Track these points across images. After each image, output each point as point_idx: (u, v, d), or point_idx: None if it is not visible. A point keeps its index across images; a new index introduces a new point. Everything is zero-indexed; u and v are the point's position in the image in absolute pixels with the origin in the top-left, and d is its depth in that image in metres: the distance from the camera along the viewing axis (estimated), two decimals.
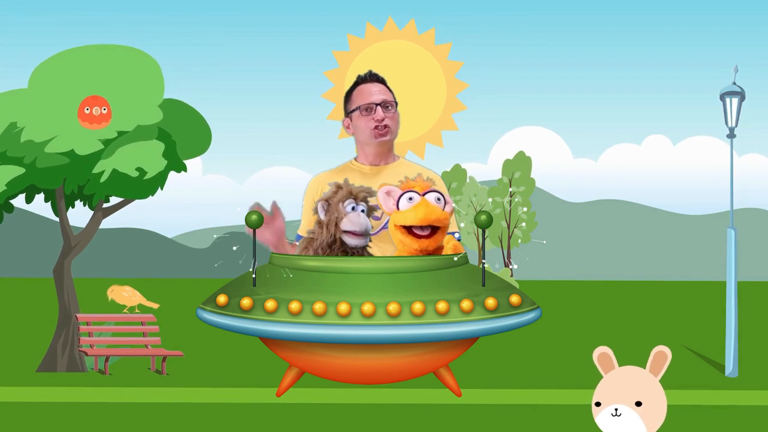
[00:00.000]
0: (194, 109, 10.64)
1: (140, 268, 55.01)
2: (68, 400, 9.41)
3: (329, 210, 3.24)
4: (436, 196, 3.18)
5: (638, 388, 2.88)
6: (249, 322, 2.96)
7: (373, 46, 4.00)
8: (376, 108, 3.63)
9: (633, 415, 2.87)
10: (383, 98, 3.64)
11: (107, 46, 10.36)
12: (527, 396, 5.33)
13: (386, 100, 3.64)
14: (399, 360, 3.05)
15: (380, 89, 3.66)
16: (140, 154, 9.82)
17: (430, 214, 3.13)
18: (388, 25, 4.01)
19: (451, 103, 3.99)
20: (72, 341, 10.83)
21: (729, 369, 10.84)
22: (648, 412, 2.88)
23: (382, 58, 3.96)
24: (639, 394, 2.88)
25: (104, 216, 10.95)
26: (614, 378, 2.91)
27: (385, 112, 3.63)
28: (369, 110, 3.63)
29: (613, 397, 2.88)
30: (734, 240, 11.07)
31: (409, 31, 4.00)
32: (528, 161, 33.19)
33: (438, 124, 3.98)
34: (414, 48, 4.00)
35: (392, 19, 4.03)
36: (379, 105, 3.63)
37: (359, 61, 3.96)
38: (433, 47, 3.99)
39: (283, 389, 3.34)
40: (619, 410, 2.86)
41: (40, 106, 9.95)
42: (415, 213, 3.13)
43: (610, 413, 2.87)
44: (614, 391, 2.89)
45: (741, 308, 11.30)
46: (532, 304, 3.13)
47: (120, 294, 12.25)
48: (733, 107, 11.01)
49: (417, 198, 3.16)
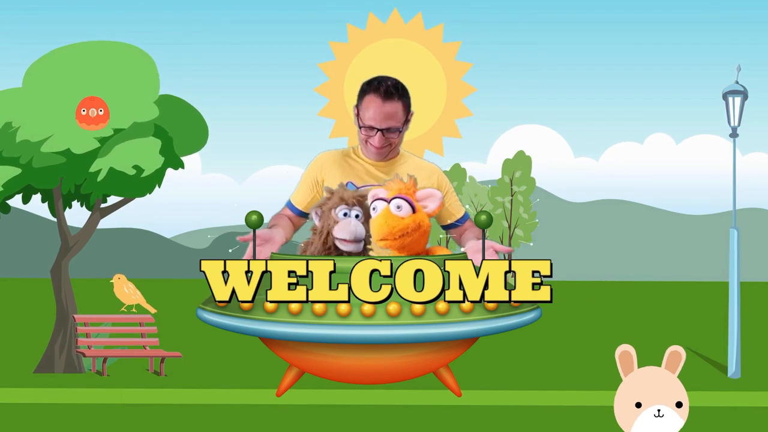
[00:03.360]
0: (190, 105, 10.59)
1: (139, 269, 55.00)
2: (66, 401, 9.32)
3: (322, 216, 3.22)
4: (397, 203, 3.13)
5: (675, 388, 2.91)
6: (249, 322, 2.96)
7: (373, 44, 3.88)
8: (377, 133, 3.47)
9: (674, 416, 2.91)
10: (388, 125, 3.46)
11: (102, 42, 10.31)
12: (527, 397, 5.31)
13: (391, 127, 3.47)
14: (399, 360, 3.06)
15: (388, 113, 3.45)
16: (137, 151, 9.78)
17: (384, 228, 3.11)
18: (393, 18, 3.86)
19: (455, 108, 3.86)
20: (70, 342, 10.78)
21: (731, 370, 10.79)
22: (685, 413, 2.92)
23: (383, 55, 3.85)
24: (678, 394, 2.92)
25: (102, 216, 10.90)
26: (648, 378, 2.92)
27: (388, 136, 3.48)
28: (370, 129, 3.48)
29: (654, 398, 2.88)
30: (737, 240, 11.03)
31: (415, 27, 3.85)
32: (528, 160, 33.16)
33: (438, 129, 3.86)
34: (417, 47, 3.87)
35: (398, 11, 3.87)
36: (381, 131, 3.47)
37: (360, 58, 3.86)
38: (440, 46, 3.85)
39: (283, 389, 3.33)
40: (662, 411, 2.86)
41: (35, 105, 9.90)
42: (373, 228, 3.14)
43: (653, 414, 2.87)
44: (654, 392, 2.91)
45: (744, 309, 11.25)
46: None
47: (122, 287, 12.17)
48: (736, 106, 10.97)
49: (381, 206, 3.14)
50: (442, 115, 3.87)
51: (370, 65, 3.78)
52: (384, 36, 3.88)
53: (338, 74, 3.85)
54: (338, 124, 3.89)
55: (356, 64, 3.85)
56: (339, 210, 3.19)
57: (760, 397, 9.18)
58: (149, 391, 9.34)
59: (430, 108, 3.84)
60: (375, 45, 3.89)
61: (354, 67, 3.83)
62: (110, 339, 11.14)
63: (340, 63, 3.87)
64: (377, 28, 3.88)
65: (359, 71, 3.79)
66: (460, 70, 3.87)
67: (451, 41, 3.88)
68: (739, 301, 10.94)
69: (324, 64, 3.90)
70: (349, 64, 3.88)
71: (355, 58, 3.87)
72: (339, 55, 3.89)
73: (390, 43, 3.89)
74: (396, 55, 3.86)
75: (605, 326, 17.98)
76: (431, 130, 3.87)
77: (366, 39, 3.88)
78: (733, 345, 10.80)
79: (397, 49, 3.88)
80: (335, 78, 3.86)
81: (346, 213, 3.19)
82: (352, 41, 3.87)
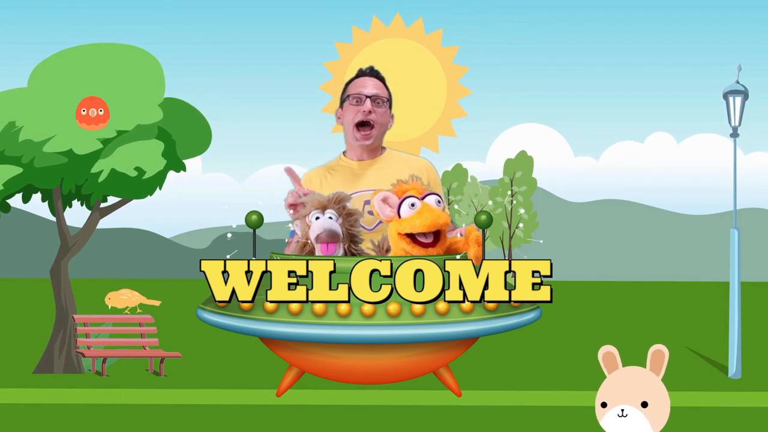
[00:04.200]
0: (195, 108, 10.60)
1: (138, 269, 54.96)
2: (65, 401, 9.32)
3: (301, 227, 3.24)
4: (435, 198, 3.16)
5: (643, 388, 2.90)
6: (249, 322, 2.97)
7: (377, 42, 3.96)
8: (366, 100, 3.58)
9: (639, 415, 2.89)
10: (375, 92, 3.60)
11: (107, 44, 10.31)
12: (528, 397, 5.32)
13: (378, 95, 3.60)
14: (399, 360, 3.06)
15: (375, 84, 3.62)
16: (139, 153, 9.78)
17: (437, 219, 3.10)
18: (395, 22, 3.99)
19: (451, 109, 3.96)
20: (69, 342, 10.77)
21: (732, 371, 10.78)
22: (653, 413, 2.90)
23: (384, 55, 3.92)
24: (645, 394, 2.91)
25: (102, 216, 10.90)
26: (619, 378, 2.92)
27: (374, 106, 3.58)
28: (358, 101, 3.59)
29: (619, 398, 2.88)
30: (737, 240, 11.03)
31: (416, 30, 3.98)
32: (530, 160, 33.19)
33: (435, 129, 3.95)
34: (418, 48, 3.95)
35: (400, 15, 3.98)
36: (369, 97, 3.58)
37: (361, 56, 3.92)
38: (439, 49, 3.96)
39: (283, 389, 3.33)
40: (626, 411, 2.86)
41: (39, 106, 9.90)
42: (421, 220, 3.09)
43: (617, 414, 2.86)
44: (620, 392, 2.91)
45: (744, 309, 11.25)
46: None
47: (118, 298, 12.21)
48: (737, 106, 10.97)
49: (418, 203, 3.12)
50: (441, 116, 3.94)
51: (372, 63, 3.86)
52: (386, 38, 3.97)
53: (342, 72, 3.94)
54: None
55: (358, 62, 3.90)
56: (312, 215, 3.19)
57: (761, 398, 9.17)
58: (149, 392, 9.33)
59: (428, 108, 3.93)
60: (376, 45, 3.97)
61: (356, 65, 3.89)
62: (110, 339, 11.14)
63: (344, 62, 3.95)
64: (380, 31, 4.00)
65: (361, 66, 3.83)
66: (457, 73, 3.96)
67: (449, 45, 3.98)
68: (739, 302, 10.93)
69: (329, 63, 4.01)
70: (351, 62, 3.95)
71: (357, 56, 3.95)
72: (343, 55, 4.00)
73: (391, 43, 3.97)
74: (396, 55, 3.97)
75: (605, 326, 17.97)
76: (429, 131, 3.93)
77: (369, 41, 4.00)
78: (734, 345, 10.80)
79: (398, 49, 3.97)
80: (339, 76, 3.94)
81: (318, 216, 3.18)
82: (356, 42, 4.00)
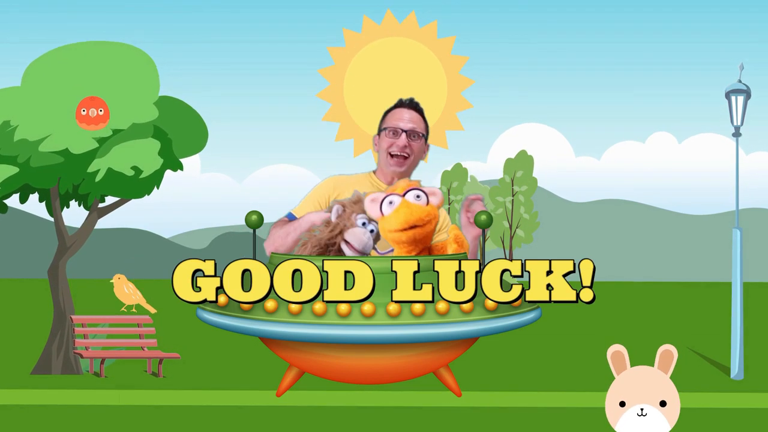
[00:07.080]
0: (190, 107, 10.56)
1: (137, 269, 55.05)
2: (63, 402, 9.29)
3: (342, 215, 3.26)
4: (415, 194, 3.20)
5: (661, 387, 2.92)
6: (249, 322, 2.98)
7: (372, 44, 3.88)
8: (402, 134, 3.66)
9: (658, 414, 2.90)
10: (412, 127, 3.67)
11: (102, 42, 10.27)
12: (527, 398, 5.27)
13: (414, 129, 3.68)
14: (399, 360, 3.07)
15: (412, 117, 3.69)
16: (136, 152, 9.75)
17: (410, 216, 3.15)
18: (387, 19, 3.93)
19: (455, 101, 3.91)
20: (67, 343, 10.74)
21: (734, 371, 10.74)
22: (670, 412, 2.92)
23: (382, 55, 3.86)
24: (663, 393, 2.92)
25: (100, 216, 10.86)
26: (633, 377, 2.94)
27: (410, 140, 3.66)
28: (395, 134, 3.67)
29: (638, 397, 2.90)
30: (740, 240, 10.99)
31: (409, 25, 3.92)
32: (530, 160, 33.18)
33: (440, 124, 3.89)
34: (414, 45, 3.89)
35: (391, 12, 3.91)
36: (405, 131, 3.66)
37: (358, 60, 3.86)
38: (435, 42, 3.90)
39: (283, 389, 3.34)
40: (645, 410, 2.86)
41: (33, 104, 9.86)
42: (396, 217, 3.16)
43: (636, 413, 2.87)
44: (638, 391, 2.94)
45: (746, 310, 11.23)
46: None
47: (122, 287, 12.16)
48: (739, 105, 10.93)
49: (397, 200, 3.19)
50: (444, 109, 3.89)
51: (369, 66, 3.85)
52: (379, 37, 3.91)
53: (338, 78, 3.89)
54: (343, 127, 3.91)
55: (355, 66, 3.86)
56: (360, 217, 3.23)
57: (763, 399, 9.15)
58: (147, 393, 9.31)
59: (432, 103, 3.88)
60: (371, 45, 3.91)
61: (353, 69, 3.85)
62: (108, 340, 11.11)
63: (340, 67, 3.90)
64: (372, 30, 3.93)
65: (358, 72, 3.85)
66: (457, 64, 3.91)
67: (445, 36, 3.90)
68: (741, 302, 10.89)
69: (324, 70, 3.94)
70: (348, 67, 3.89)
71: (353, 60, 3.89)
72: (338, 60, 3.93)
73: (386, 43, 3.91)
74: (393, 54, 3.93)
75: (606, 326, 17.93)
76: (435, 126, 3.87)
77: (362, 42, 3.93)
78: (736, 346, 10.76)
79: (394, 47, 3.92)
80: (336, 82, 3.88)
81: (365, 223, 3.22)
82: (349, 45, 3.93)
